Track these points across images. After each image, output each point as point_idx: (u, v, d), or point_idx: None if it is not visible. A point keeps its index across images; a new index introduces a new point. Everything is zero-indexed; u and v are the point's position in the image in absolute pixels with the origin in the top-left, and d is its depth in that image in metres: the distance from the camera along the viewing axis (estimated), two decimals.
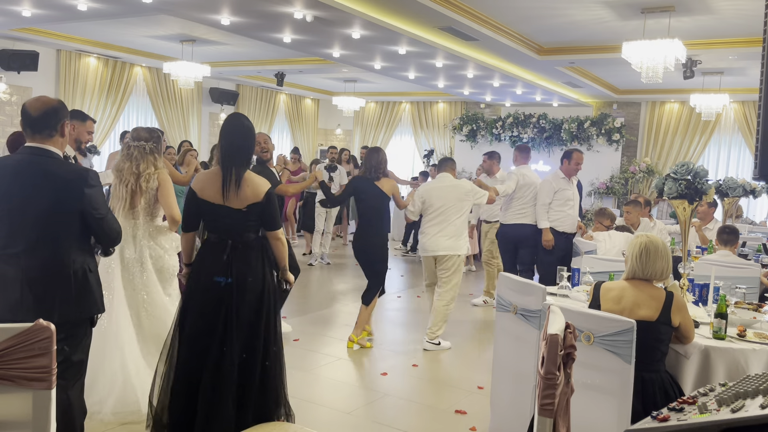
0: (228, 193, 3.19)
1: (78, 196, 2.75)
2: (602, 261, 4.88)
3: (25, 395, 1.64)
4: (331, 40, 8.01)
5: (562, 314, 1.92)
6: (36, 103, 2.79)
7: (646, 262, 3.06)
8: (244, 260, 3.23)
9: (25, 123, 2.78)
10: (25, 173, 2.73)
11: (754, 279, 4.85)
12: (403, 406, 4.29)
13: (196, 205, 3.28)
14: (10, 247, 2.72)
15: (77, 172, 2.81)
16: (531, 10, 6.79)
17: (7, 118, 9.91)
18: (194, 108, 12.76)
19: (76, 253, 2.80)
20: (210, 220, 3.29)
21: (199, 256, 3.34)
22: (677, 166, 3.64)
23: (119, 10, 7.22)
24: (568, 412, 1.84)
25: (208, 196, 3.24)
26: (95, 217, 2.80)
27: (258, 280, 3.26)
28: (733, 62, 8.50)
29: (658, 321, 2.96)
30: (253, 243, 3.29)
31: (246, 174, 3.26)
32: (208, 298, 3.21)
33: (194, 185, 3.30)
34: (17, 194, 2.72)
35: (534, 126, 12.75)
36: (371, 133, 15.25)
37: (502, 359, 3.62)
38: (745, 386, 1.77)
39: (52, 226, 2.74)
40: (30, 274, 2.71)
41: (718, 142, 11.82)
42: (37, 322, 1.64)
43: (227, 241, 3.23)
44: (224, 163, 3.24)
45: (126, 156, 4.01)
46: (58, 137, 2.81)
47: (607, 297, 3.10)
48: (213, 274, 3.21)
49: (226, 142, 3.29)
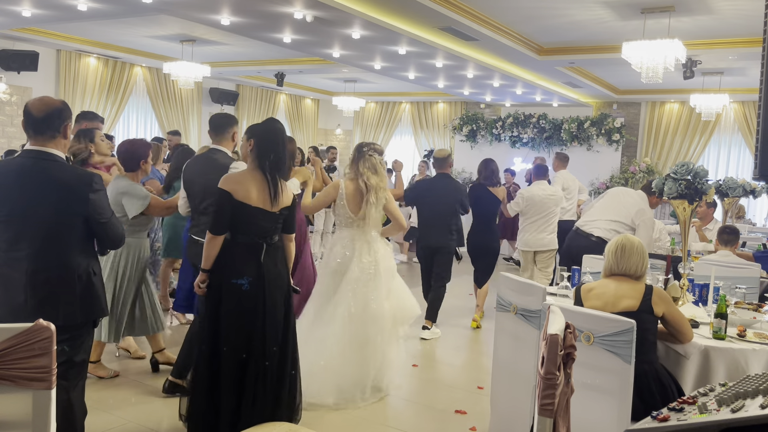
0: (273, 197, 3.23)
1: (83, 201, 2.74)
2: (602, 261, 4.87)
3: (25, 395, 1.64)
4: (331, 40, 8.01)
5: (562, 314, 1.92)
6: (39, 104, 2.76)
7: (621, 257, 3.14)
8: (273, 261, 3.30)
9: (28, 124, 2.76)
10: (29, 178, 2.70)
11: (754, 279, 4.85)
12: (403, 406, 4.29)
13: (231, 207, 3.20)
14: (14, 250, 2.71)
15: (81, 176, 2.79)
16: (531, 10, 6.79)
17: (7, 118, 9.91)
18: (194, 108, 12.76)
19: (81, 256, 2.80)
20: (245, 222, 3.23)
21: (227, 259, 3.23)
22: (677, 166, 3.64)
23: (119, 10, 7.22)
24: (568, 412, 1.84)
25: (247, 199, 3.20)
26: (99, 222, 2.80)
27: (285, 280, 3.36)
28: (733, 62, 8.50)
29: (640, 310, 3.00)
30: (278, 244, 3.37)
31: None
32: (244, 298, 3.20)
33: (229, 187, 3.20)
34: (21, 199, 2.70)
35: (534, 126, 12.75)
36: (371, 134, 15.24)
37: (502, 359, 3.62)
38: (745, 386, 1.77)
39: (56, 231, 2.73)
40: (34, 278, 2.70)
41: (718, 142, 11.82)
42: (37, 322, 1.64)
43: (261, 243, 3.25)
44: (272, 168, 3.25)
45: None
46: (61, 138, 2.79)
47: (589, 296, 3.15)
48: (244, 275, 3.20)
49: (273, 148, 3.27)
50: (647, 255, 3.19)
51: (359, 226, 4.35)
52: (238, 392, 3.23)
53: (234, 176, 3.29)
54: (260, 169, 3.25)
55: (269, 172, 3.25)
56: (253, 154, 3.28)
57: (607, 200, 5.74)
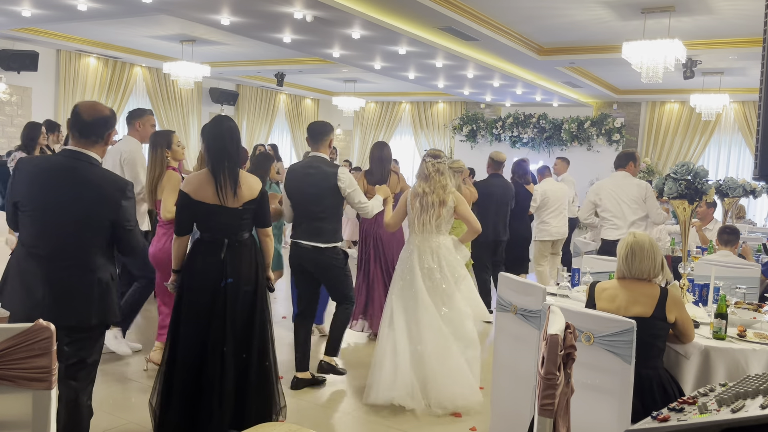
0: (225, 193, 3.22)
1: (114, 207, 2.77)
2: (602, 261, 4.88)
3: (25, 395, 1.64)
4: (331, 40, 8.01)
5: (562, 314, 1.92)
6: (90, 108, 2.84)
7: (632, 263, 3.07)
8: (239, 258, 3.27)
9: (75, 125, 2.80)
10: (65, 176, 2.74)
11: (754, 279, 4.85)
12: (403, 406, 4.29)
13: (189, 207, 3.27)
14: (38, 247, 2.74)
15: (117, 182, 2.83)
16: (531, 10, 6.79)
17: (6, 118, 9.91)
18: (194, 108, 12.76)
19: (102, 260, 2.81)
20: (204, 220, 3.30)
21: (191, 258, 3.32)
22: (677, 166, 3.64)
23: (119, 10, 7.22)
24: (568, 412, 1.84)
25: (203, 197, 3.24)
26: (126, 229, 2.83)
27: (252, 278, 3.31)
28: (733, 62, 8.50)
29: (653, 317, 2.96)
30: (246, 241, 3.35)
31: (240, 173, 3.30)
32: (203, 298, 3.22)
33: (186, 188, 3.29)
34: (53, 197, 2.72)
35: (534, 126, 12.75)
36: (371, 133, 15.25)
37: (502, 359, 3.62)
38: (745, 386, 1.77)
39: (83, 233, 2.75)
40: (54, 276, 2.72)
41: (718, 142, 11.82)
42: (37, 322, 1.64)
43: (223, 240, 3.25)
44: (215, 164, 3.25)
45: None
46: (102, 145, 2.86)
47: (602, 296, 3.11)
48: (208, 274, 3.22)
49: (216, 145, 3.29)
50: (659, 254, 3.11)
51: (421, 232, 4.35)
52: (194, 400, 3.21)
53: (191, 177, 3.35)
54: (211, 168, 3.27)
55: (221, 168, 3.24)
56: (205, 153, 3.35)
57: (612, 206, 5.77)
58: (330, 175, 4.16)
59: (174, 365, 3.25)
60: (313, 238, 4.20)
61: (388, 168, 5.51)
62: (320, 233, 4.20)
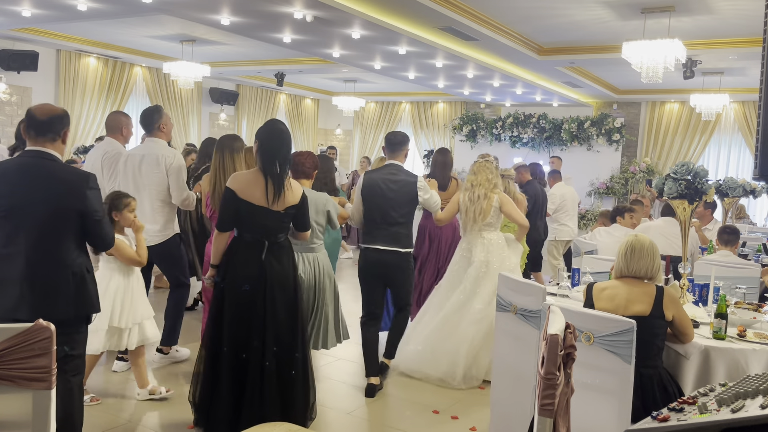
0: (272, 196, 3.28)
1: (80, 196, 2.82)
2: (602, 261, 4.88)
3: (25, 395, 1.64)
4: (331, 40, 8.01)
5: (562, 314, 1.92)
6: (43, 109, 2.91)
7: (631, 260, 3.12)
8: (278, 260, 3.34)
9: (30, 126, 2.86)
10: (28, 174, 2.81)
11: (754, 279, 4.85)
12: (403, 407, 4.29)
13: (235, 205, 3.29)
14: (12, 245, 2.79)
15: (79, 174, 2.91)
16: (531, 10, 6.79)
17: (6, 118, 9.90)
18: (194, 108, 12.75)
19: (75, 253, 2.87)
20: (248, 220, 3.32)
21: (230, 256, 3.35)
22: (677, 166, 3.64)
23: (119, 10, 7.22)
24: (568, 412, 1.84)
25: (249, 197, 3.28)
26: (95, 219, 2.89)
27: (290, 278, 3.39)
28: (733, 62, 8.50)
29: (652, 315, 2.98)
30: (284, 243, 3.42)
31: (286, 179, 3.37)
32: (244, 296, 3.26)
33: (233, 185, 3.31)
34: (20, 194, 2.78)
35: (534, 126, 12.75)
36: (371, 133, 15.25)
37: (502, 359, 3.62)
38: (745, 386, 1.77)
39: (53, 226, 2.81)
40: (31, 273, 2.77)
41: (718, 142, 11.82)
42: (37, 322, 1.64)
43: (264, 241, 3.31)
44: (267, 165, 3.30)
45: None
46: (60, 143, 2.92)
47: (601, 296, 3.12)
48: (247, 274, 3.27)
49: (272, 145, 3.33)
50: (658, 255, 3.15)
51: (471, 227, 4.78)
52: (238, 393, 3.26)
53: (240, 176, 3.38)
54: (263, 169, 3.32)
55: (272, 171, 3.30)
56: (258, 154, 3.37)
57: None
58: (410, 183, 4.39)
59: (218, 362, 3.27)
60: (392, 243, 4.36)
61: (449, 174, 5.67)
62: (398, 238, 4.38)
